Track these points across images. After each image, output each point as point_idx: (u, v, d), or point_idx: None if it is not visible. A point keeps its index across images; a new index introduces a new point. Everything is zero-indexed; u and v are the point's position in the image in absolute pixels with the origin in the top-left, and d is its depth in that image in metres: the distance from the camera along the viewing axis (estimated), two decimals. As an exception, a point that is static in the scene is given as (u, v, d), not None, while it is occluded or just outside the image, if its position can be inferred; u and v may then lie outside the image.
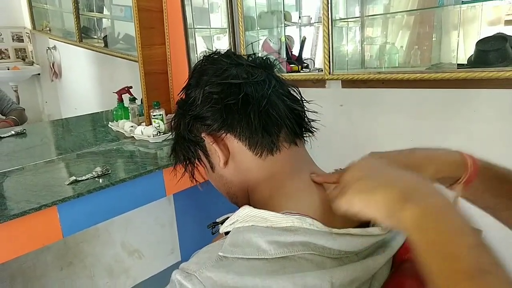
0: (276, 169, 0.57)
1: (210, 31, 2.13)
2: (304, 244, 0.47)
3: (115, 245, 1.83)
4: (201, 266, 0.47)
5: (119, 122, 1.88)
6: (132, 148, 1.70)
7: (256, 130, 0.56)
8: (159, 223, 1.98)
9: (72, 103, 2.97)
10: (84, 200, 1.22)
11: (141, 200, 1.42)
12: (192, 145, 0.62)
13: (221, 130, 0.57)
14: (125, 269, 1.88)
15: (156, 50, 1.83)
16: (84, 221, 1.25)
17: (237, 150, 0.58)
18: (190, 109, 0.59)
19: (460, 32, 1.61)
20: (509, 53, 1.31)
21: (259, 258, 0.46)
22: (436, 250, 0.33)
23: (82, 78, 2.84)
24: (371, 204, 0.40)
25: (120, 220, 1.78)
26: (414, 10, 1.80)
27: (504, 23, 1.50)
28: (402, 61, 1.80)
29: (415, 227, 0.35)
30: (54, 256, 1.63)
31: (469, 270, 0.31)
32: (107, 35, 2.72)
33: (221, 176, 0.62)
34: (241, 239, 0.49)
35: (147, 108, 1.83)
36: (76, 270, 1.71)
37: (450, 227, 0.34)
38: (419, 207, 0.35)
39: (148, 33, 1.79)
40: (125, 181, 1.31)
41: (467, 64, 1.43)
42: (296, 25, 2.14)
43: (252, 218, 0.51)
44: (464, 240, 0.33)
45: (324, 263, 0.47)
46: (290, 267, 0.46)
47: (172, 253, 2.04)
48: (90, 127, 2.09)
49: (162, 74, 1.87)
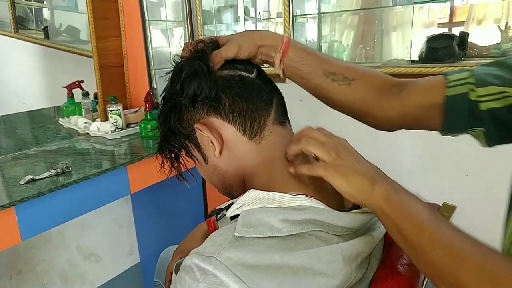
0: (271, 153, 0.59)
1: (166, 24, 2.07)
2: (312, 222, 0.50)
3: (70, 249, 1.72)
4: (218, 247, 0.47)
5: (71, 119, 1.77)
6: (87, 145, 1.61)
7: (249, 112, 0.57)
8: (117, 224, 1.89)
9: (8, 99, 2.72)
10: (45, 200, 1.13)
11: (105, 199, 1.34)
12: (183, 138, 0.62)
13: (213, 114, 0.58)
14: (81, 274, 1.77)
15: (111, 42, 1.75)
16: (44, 223, 1.16)
17: (231, 136, 0.58)
18: (180, 97, 0.58)
19: (402, 32, 1.74)
20: (456, 50, 1.43)
21: (274, 236, 0.48)
22: (401, 212, 0.47)
23: (20, 72, 2.61)
24: (350, 186, 0.50)
25: (75, 222, 1.67)
26: (358, 9, 1.90)
27: (437, 25, 1.65)
28: (349, 59, 1.90)
29: (384, 200, 0.48)
30: (2, 264, 1.49)
31: (425, 220, 0.46)
32: (47, 26, 2.53)
33: (214, 166, 0.62)
34: (253, 219, 0.50)
35: (102, 104, 1.74)
36: (27, 278, 1.58)
37: (406, 197, 0.49)
38: (384, 187, 0.49)
39: (102, 24, 1.70)
40: (88, 179, 1.23)
41: (418, 61, 1.55)
42: (252, 20, 2.15)
43: (260, 200, 0.53)
44: (418, 203, 0.48)
45: (331, 239, 0.51)
46: (303, 243, 0.48)
47: (131, 255, 1.96)
48: (37, 124, 1.94)
49: (117, 68, 1.79)
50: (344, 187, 0.50)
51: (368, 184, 0.49)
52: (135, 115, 1.77)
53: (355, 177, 0.50)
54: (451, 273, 0.43)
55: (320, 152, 0.52)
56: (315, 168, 0.52)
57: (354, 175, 0.50)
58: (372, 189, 0.49)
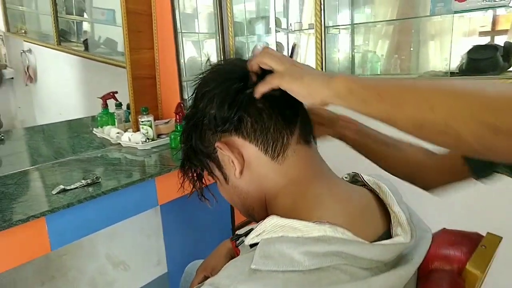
0: (295, 174, 0.55)
1: (198, 36, 2.09)
2: (337, 254, 0.46)
3: (100, 257, 1.74)
4: (233, 280, 0.43)
5: (105, 129, 1.81)
6: (119, 155, 1.64)
7: (271, 130, 0.54)
8: (145, 234, 1.91)
9: (48, 108, 2.84)
10: (74, 210, 1.15)
11: (133, 210, 1.35)
12: (204, 157, 0.59)
13: (235, 133, 0.55)
14: (109, 282, 1.79)
15: (144, 54, 1.78)
16: (73, 233, 1.18)
17: (253, 156, 0.55)
18: (202, 116, 0.56)
19: (440, 42, 1.66)
20: (500, 62, 1.34)
21: (294, 270, 0.44)
22: (365, 94, 0.46)
23: (60, 83, 2.73)
24: (305, 87, 0.49)
25: (105, 231, 1.69)
26: (394, 20, 1.84)
27: (478, 34, 1.56)
28: (383, 69, 1.83)
29: (345, 88, 0.47)
30: (35, 271, 1.53)
31: (390, 90, 0.45)
32: (87, 39, 2.64)
33: (235, 187, 0.59)
34: (272, 250, 0.46)
35: (134, 114, 1.77)
36: (59, 285, 1.61)
37: (363, 80, 0.48)
38: (342, 78, 0.48)
39: (136, 36, 1.73)
40: (117, 190, 1.24)
41: (458, 72, 1.46)
42: (284, 32, 2.13)
43: (281, 228, 0.49)
44: (373, 81, 0.47)
45: (357, 274, 0.46)
46: (326, 278, 0.44)
47: (159, 265, 1.97)
48: (73, 133, 2.00)
49: (150, 79, 1.82)
50: (299, 89, 0.49)
51: (326, 79, 0.48)
52: (166, 126, 1.79)
53: (311, 77, 0.49)
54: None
55: (275, 63, 0.52)
56: (270, 79, 0.51)
57: (310, 76, 0.49)
58: (330, 81, 0.48)
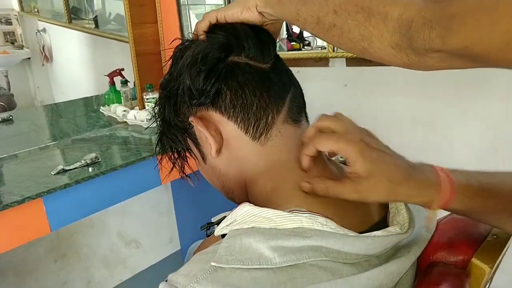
0: (277, 157, 0.48)
1: (205, 8, 2.01)
2: (315, 249, 0.39)
3: (111, 235, 1.76)
4: (191, 279, 0.38)
5: (111, 107, 1.79)
6: (125, 133, 1.61)
7: (254, 107, 0.47)
8: (157, 211, 1.91)
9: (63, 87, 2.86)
10: (72, 191, 1.13)
11: (134, 190, 1.33)
12: (179, 132, 0.53)
13: (212, 107, 0.48)
14: (122, 260, 1.81)
15: (148, 29, 1.72)
16: (73, 214, 1.17)
17: (232, 135, 0.49)
18: (177, 86, 0.50)
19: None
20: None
21: (262, 267, 0.38)
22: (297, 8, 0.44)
23: (73, 61, 2.72)
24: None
25: (116, 209, 1.70)
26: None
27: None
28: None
29: (277, 3, 0.46)
30: (47, 249, 1.56)
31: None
32: (98, 16, 2.59)
33: (213, 167, 0.53)
34: (238, 244, 0.40)
35: (139, 91, 1.73)
36: (71, 262, 1.64)
37: None
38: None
39: (138, 10, 1.67)
40: (116, 170, 1.22)
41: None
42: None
43: (252, 218, 0.43)
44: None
45: (340, 271, 0.40)
46: (301, 277, 0.38)
47: (171, 242, 1.98)
48: (81, 112, 2.00)
49: (154, 55, 1.76)
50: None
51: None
52: (172, 103, 1.74)
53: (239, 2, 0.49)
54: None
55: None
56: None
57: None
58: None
